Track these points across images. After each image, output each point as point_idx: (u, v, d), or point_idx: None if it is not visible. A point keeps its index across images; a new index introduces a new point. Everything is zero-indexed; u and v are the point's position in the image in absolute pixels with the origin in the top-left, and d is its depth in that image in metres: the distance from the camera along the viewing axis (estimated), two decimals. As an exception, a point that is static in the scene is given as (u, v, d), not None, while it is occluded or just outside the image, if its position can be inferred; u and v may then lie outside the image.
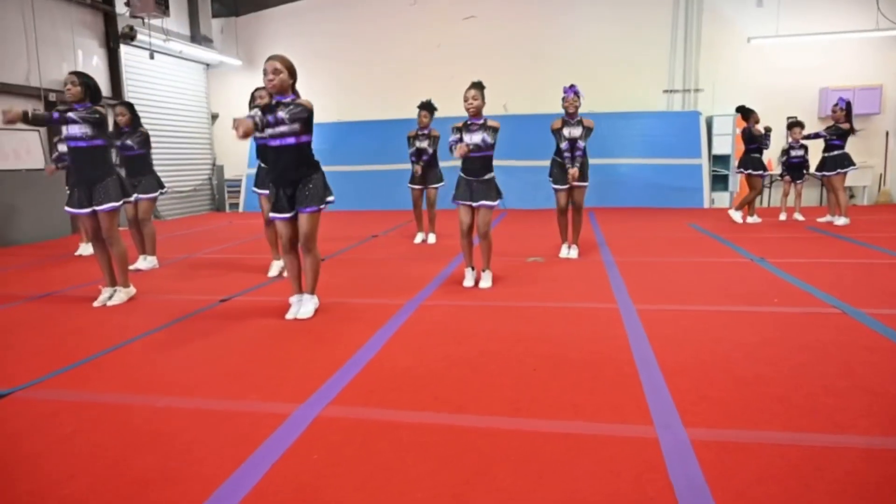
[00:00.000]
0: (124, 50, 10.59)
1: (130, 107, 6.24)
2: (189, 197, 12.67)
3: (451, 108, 9.17)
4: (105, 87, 10.36)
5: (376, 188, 12.05)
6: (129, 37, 10.33)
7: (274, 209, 3.99)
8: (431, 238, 7.41)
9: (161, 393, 2.82)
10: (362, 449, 2.23)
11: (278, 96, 3.86)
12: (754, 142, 8.10)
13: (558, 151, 5.83)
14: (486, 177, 4.79)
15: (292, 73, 3.88)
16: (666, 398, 2.60)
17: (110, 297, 4.62)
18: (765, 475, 1.97)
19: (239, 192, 13.10)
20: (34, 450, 2.30)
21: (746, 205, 8.45)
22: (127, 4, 10.15)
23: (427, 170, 7.20)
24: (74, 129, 4.41)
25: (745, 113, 8.05)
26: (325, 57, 12.87)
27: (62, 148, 6.88)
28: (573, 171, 5.61)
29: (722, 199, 11.45)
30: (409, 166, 7.28)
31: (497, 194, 4.80)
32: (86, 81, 4.49)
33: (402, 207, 11.26)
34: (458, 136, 4.79)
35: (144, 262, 6.00)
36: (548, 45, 12.00)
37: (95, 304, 4.58)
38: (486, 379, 2.91)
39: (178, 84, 12.31)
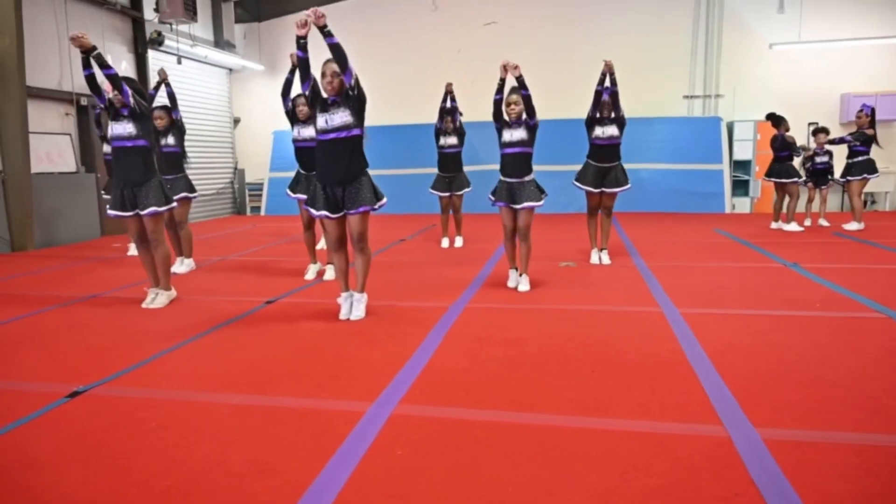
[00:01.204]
0: (152, 55, 10.74)
1: (167, 109, 6.36)
2: (212, 200, 12.81)
3: (472, 113, 9.31)
4: (133, 92, 10.51)
5: (398, 192, 12.10)
6: (157, 42, 10.48)
7: (321, 207, 4.03)
8: (459, 241, 7.48)
9: (232, 391, 2.91)
10: (444, 446, 2.30)
11: (333, 97, 3.95)
12: (786, 149, 8.11)
13: (592, 151, 5.88)
14: (527, 178, 4.86)
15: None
16: (729, 398, 2.66)
17: (153, 300, 4.71)
18: (844, 474, 2.03)
19: (261, 195, 13.22)
20: (124, 444, 2.38)
21: (784, 212, 8.40)
22: (156, 10, 10.30)
23: (453, 176, 7.29)
24: (119, 129, 4.49)
25: (776, 120, 8.07)
26: (347, 62, 12.97)
27: (107, 149, 7.01)
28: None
29: (743, 205, 11.48)
30: (429, 171, 7.40)
31: (541, 192, 4.86)
32: (132, 85, 4.59)
33: (424, 211, 11.38)
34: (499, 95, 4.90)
35: (182, 266, 6.10)
36: (568, 51, 12.06)
37: (144, 304, 4.68)
38: (547, 379, 2.97)
39: (202, 88, 12.46)
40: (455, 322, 4.03)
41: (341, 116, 3.89)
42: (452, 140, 7.23)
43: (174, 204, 4.86)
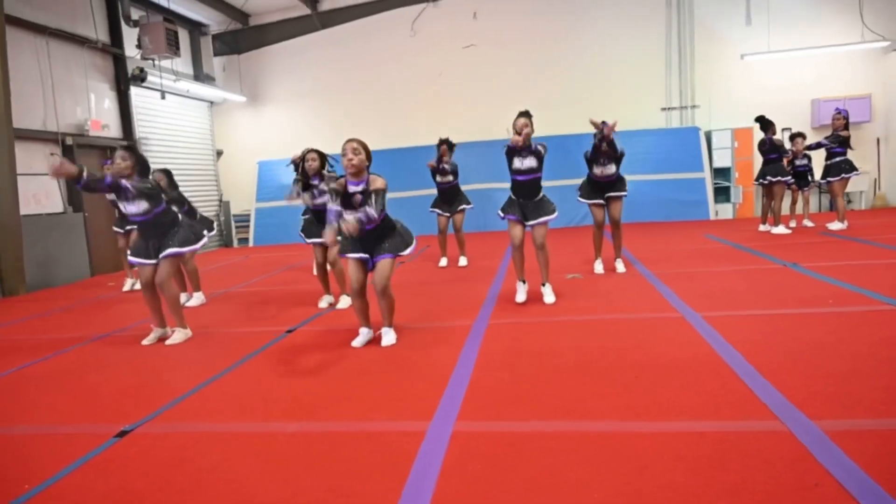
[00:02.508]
0: (134, 91, 10.69)
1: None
2: (198, 234, 12.67)
3: (457, 135, 9.33)
4: (116, 129, 10.45)
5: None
6: (140, 78, 10.44)
7: (348, 250, 4.04)
8: (463, 261, 7.53)
9: (285, 419, 2.90)
10: (516, 458, 2.33)
11: (353, 181, 3.95)
12: (775, 151, 8.36)
13: (593, 156, 5.97)
14: (538, 198, 4.95)
15: (369, 155, 3.99)
16: (776, 395, 2.74)
17: (161, 337, 4.62)
18: (913, 457, 2.11)
19: (247, 226, 13.14)
20: (193, 479, 2.36)
21: (774, 214, 8.59)
22: (138, 47, 10.28)
23: (452, 195, 7.37)
24: (132, 208, 4.42)
25: (764, 124, 8.33)
26: (327, 90, 13.09)
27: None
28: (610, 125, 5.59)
29: (725, 211, 11.77)
30: (421, 192, 7.47)
31: (553, 207, 4.96)
32: (137, 158, 4.51)
33: (414, 233, 11.40)
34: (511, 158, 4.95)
35: (193, 299, 6.04)
36: (546, 70, 12.33)
37: (145, 342, 4.56)
38: (595, 388, 3.02)
39: (184, 122, 12.43)
40: (483, 339, 4.06)
41: (367, 212, 3.91)
42: (448, 178, 7.30)
43: (196, 246, 4.77)
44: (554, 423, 2.64)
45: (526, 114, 4.95)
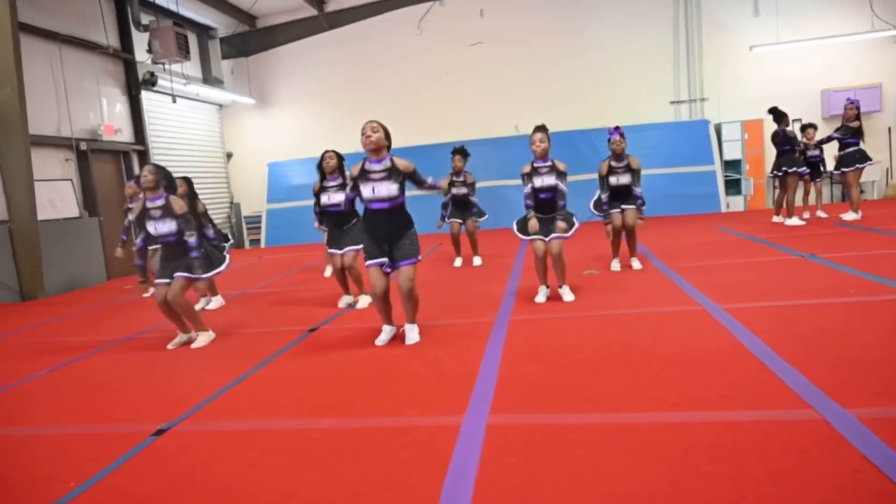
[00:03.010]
0: (145, 95, 10.76)
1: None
2: (210, 236, 12.74)
3: (463, 132, 9.39)
4: (128, 133, 10.53)
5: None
6: (151, 83, 10.50)
7: (371, 256, 4.07)
8: (477, 260, 7.53)
9: (319, 416, 2.93)
10: (553, 450, 2.36)
11: (372, 159, 4.01)
12: (788, 143, 8.35)
13: (601, 197, 6.07)
14: (558, 213, 4.98)
15: (388, 136, 4.05)
16: (806, 383, 2.75)
17: (186, 342, 4.65)
18: (950, 442, 2.12)
19: (258, 228, 13.20)
20: (235, 474, 2.39)
21: (787, 206, 8.57)
22: (148, 51, 10.34)
23: (464, 206, 7.35)
24: (163, 228, 4.48)
25: (777, 115, 8.33)
26: (335, 90, 13.13)
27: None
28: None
29: (737, 203, 11.75)
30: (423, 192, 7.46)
31: (571, 221, 4.98)
32: (164, 174, 4.56)
33: (423, 231, 11.44)
34: (529, 184, 4.98)
35: (212, 303, 6.09)
36: (554, 66, 12.33)
37: (170, 346, 4.60)
38: (622, 381, 3.04)
39: (194, 125, 12.51)
40: (506, 335, 4.09)
41: (387, 188, 3.97)
42: (463, 190, 7.29)
43: (220, 269, 4.80)
44: (586, 415, 2.67)
45: (543, 128, 4.97)
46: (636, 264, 6.19)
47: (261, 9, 12.82)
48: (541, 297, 5.12)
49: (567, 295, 5.03)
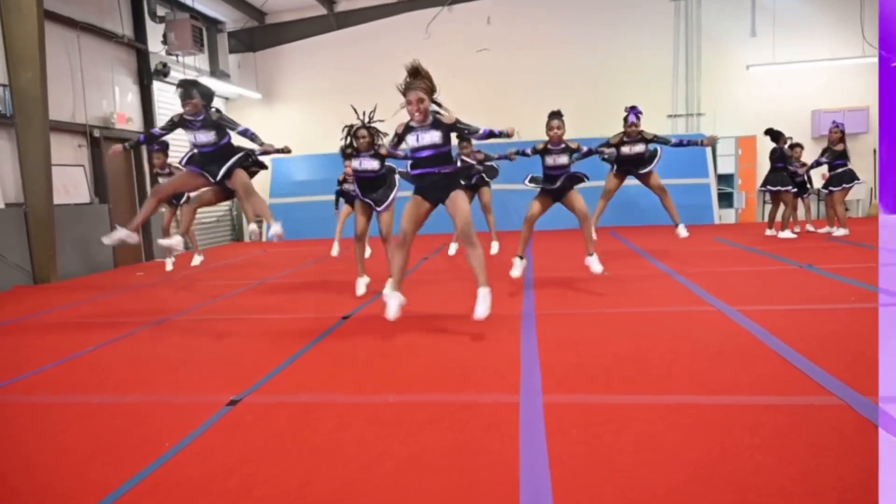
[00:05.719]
0: (155, 85, 10.85)
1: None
2: (211, 228, 12.84)
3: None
4: (138, 122, 10.61)
5: (397, 216, 12.43)
6: (163, 73, 10.61)
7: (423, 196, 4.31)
8: (495, 247, 7.79)
9: (380, 391, 3.15)
10: (610, 424, 2.61)
11: (418, 125, 4.29)
12: (782, 161, 8.75)
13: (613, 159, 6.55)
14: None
15: (431, 93, 4.28)
16: (827, 376, 3.04)
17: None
18: (964, 424, 2.43)
19: (261, 221, 13.27)
20: (321, 440, 2.61)
21: (783, 220, 8.98)
22: (163, 42, 10.45)
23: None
24: (203, 137, 4.82)
25: (774, 135, 8.75)
26: (341, 89, 13.24)
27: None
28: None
29: (728, 216, 12.19)
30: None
31: (582, 173, 5.45)
32: (201, 91, 4.87)
33: (427, 232, 11.66)
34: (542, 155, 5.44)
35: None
36: (557, 75, 12.67)
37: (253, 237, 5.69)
38: (658, 370, 3.31)
39: (200, 118, 12.56)
40: (537, 328, 4.34)
41: (431, 137, 4.25)
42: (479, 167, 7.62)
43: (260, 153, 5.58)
44: (634, 396, 2.94)
45: (558, 114, 5.30)
46: (682, 231, 6.80)
47: (271, 5, 12.98)
48: (516, 272, 5.44)
49: (595, 265, 5.32)
